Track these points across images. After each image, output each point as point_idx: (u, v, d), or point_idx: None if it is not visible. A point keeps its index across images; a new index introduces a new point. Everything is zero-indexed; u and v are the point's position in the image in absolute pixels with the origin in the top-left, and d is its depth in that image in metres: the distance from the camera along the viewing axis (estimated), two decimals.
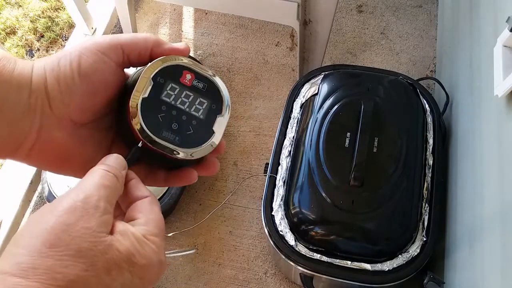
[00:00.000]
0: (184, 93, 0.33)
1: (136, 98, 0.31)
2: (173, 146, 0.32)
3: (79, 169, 0.32)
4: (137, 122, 0.31)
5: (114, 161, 0.29)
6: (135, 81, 0.32)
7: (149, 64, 0.32)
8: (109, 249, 0.24)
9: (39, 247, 0.22)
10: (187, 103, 0.33)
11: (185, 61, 0.33)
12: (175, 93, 0.33)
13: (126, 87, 0.32)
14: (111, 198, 0.27)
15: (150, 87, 0.32)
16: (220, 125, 0.34)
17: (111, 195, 0.27)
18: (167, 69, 0.32)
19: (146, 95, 0.31)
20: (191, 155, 0.32)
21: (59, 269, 0.22)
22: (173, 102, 0.33)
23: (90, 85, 0.30)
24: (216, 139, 0.33)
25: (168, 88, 0.32)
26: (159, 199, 1.09)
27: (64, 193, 0.26)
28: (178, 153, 0.32)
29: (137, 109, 0.31)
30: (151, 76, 0.32)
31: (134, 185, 0.30)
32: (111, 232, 0.25)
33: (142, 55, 0.32)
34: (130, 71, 0.34)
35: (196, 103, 0.33)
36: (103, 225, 0.25)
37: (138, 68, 0.33)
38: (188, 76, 0.33)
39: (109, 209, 0.26)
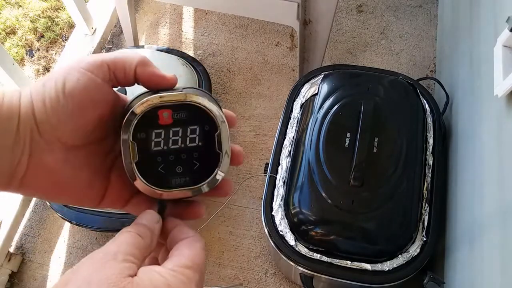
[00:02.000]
0: (171, 132, 0.31)
1: (130, 167, 0.30)
2: (188, 188, 0.31)
3: (78, 197, 0.31)
4: (144, 187, 0.31)
5: (144, 218, 0.30)
6: (130, 107, 0.30)
7: (122, 126, 0.30)
8: (132, 285, 0.24)
9: None
10: (179, 140, 0.31)
11: (155, 101, 0.30)
12: (162, 137, 0.31)
13: (123, 116, 0.31)
14: (132, 251, 0.27)
15: (135, 149, 0.30)
16: (223, 141, 0.31)
17: (132, 248, 0.27)
18: (141, 121, 0.30)
19: (136, 159, 0.30)
20: (209, 185, 0.31)
21: None
22: (165, 148, 0.31)
23: (76, 103, 0.28)
24: (225, 159, 0.31)
25: (153, 138, 0.31)
26: None
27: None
28: (198, 191, 0.32)
29: (136, 176, 0.30)
30: (130, 138, 0.30)
31: (178, 229, 0.30)
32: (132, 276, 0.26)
33: (127, 73, 0.31)
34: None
35: (188, 134, 0.31)
36: (125, 270, 0.25)
37: (135, 94, 0.32)
38: (166, 114, 0.30)
39: (130, 259, 0.26)
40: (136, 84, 0.32)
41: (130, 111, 0.30)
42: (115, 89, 0.32)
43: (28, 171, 0.28)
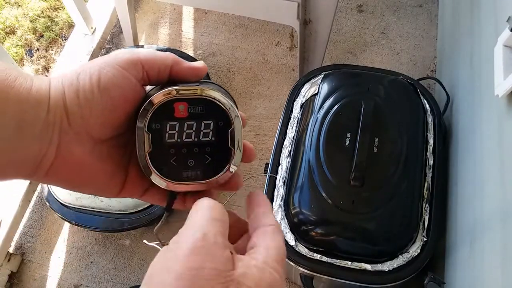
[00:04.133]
0: (185, 125, 0.31)
1: (142, 156, 0.31)
2: (198, 182, 0.32)
3: (100, 187, 0.32)
4: (155, 177, 0.31)
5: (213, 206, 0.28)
6: (147, 97, 0.31)
7: (138, 116, 0.31)
8: (240, 286, 0.24)
9: None
10: (193, 134, 0.31)
11: (173, 93, 0.30)
12: (177, 130, 0.31)
13: (140, 106, 0.31)
14: (225, 231, 0.26)
15: (149, 139, 0.31)
16: (236, 138, 0.32)
17: (224, 227, 0.26)
18: (157, 112, 0.30)
19: (149, 149, 0.31)
20: (218, 181, 0.32)
21: None
22: (178, 140, 0.31)
23: (109, 99, 0.29)
24: (237, 155, 0.32)
25: (167, 130, 0.31)
26: None
27: (179, 232, 0.26)
28: (208, 186, 0.32)
29: (148, 166, 0.31)
30: (145, 128, 0.30)
31: (262, 214, 0.30)
32: (234, 267, 0.25)
33: (162, 73, 0.31)
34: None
35: (202, 128, 0.31)
36: (227, 263, 0.24)
37: (154, 86, 0.32)
38: (181, 107, 0.31)
39: (226, 243, 0.26)
40: None
41: (147, 101, 0.30)
42: None
43: (55, 161, 0.28)
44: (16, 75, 0.27)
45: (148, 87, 0.32)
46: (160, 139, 0.31)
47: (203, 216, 0.26)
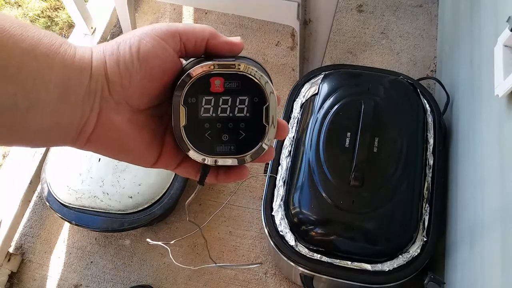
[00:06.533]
0: (220, 100, 0.31)
1: (178, 129, 0.31)
2: (232, 156, 0.32)
3: (137, 156, 0.33)
4: (189, 150, 0.32)
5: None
6: (184, 72, 0.31)
7: (175, 89, 0.31)
8: None
9: None
10: (228, 109, 0.32)
11: (209, 67, 0.31)
12: (212, 105, 0.31)
13: (177, 79, 0.32)
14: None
15: (185, 113, 0.31)
16: (270, 114, 0.32)
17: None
18: (193, 87, 0.31)
19: (184, 122, 0.31)
20: (252, 156, 0.32)
21: None
22: (213, 115, 0.32)
23: (148, 69, 0.30)
24: (270, 132, 0.32)
25: (203, 104, 0.31)
26: (158, 199, 1.09)
27: None
28: (241, 161, 0.32)
29: (183, 139, 0.31)
30: (181, 102, 0.31)
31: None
32: None
33: (198, 45, 0.32)
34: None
35: (237, 104, 0.32)
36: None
37: (190, 60, 0.33)
38: (217, 82, 0.31)
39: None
40: None
41: (184, 75, 0.31)
42: None
43: (96, 128, 0.29)
44: (60, 42, 0.28)
45: (184, 61, 0.33)
46: (196, 113, 0.31)
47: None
